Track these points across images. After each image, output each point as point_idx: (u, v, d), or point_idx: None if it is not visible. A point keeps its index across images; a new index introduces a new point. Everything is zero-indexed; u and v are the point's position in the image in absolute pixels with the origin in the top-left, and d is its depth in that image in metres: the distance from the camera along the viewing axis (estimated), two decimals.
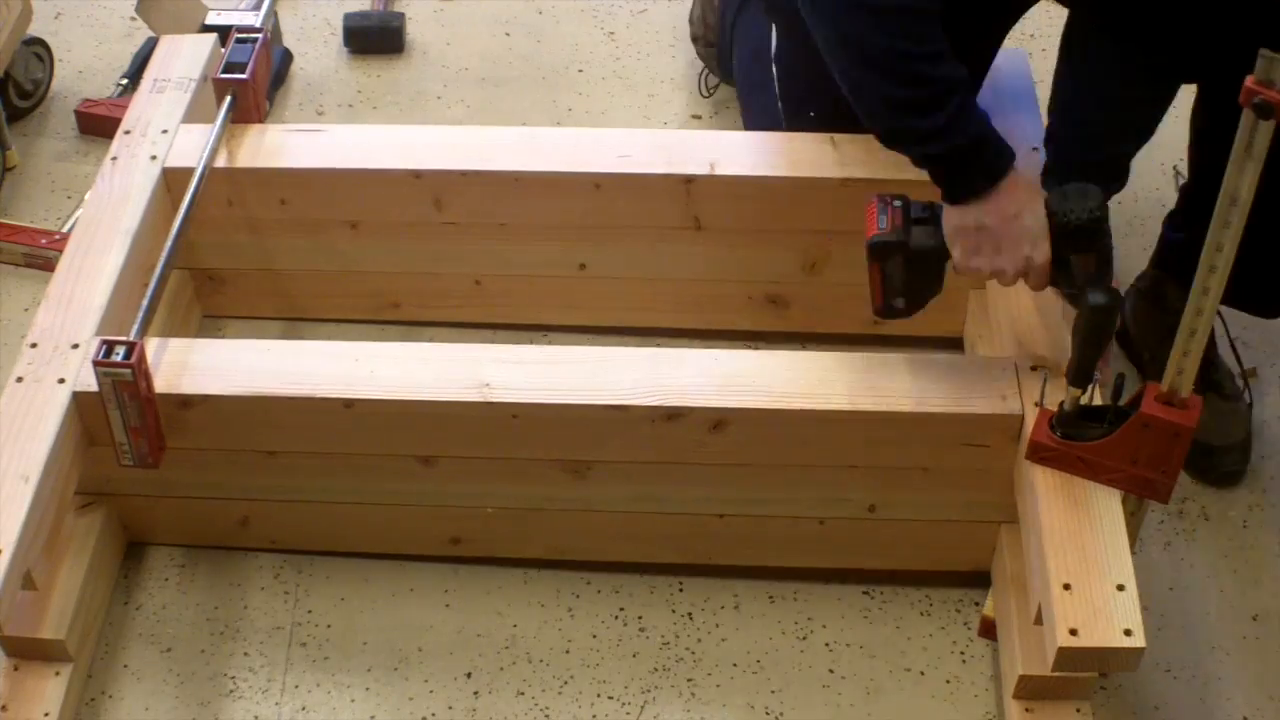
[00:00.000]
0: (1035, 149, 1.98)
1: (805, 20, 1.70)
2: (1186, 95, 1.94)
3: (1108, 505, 1.65)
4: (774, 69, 2.17)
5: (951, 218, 1.67)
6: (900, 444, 1.77)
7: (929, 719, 1.79)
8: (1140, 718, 1.80)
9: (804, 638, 1.87)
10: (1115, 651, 1.54)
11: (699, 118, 2.59)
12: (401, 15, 2.76)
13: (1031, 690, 1.72)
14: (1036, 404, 1.71)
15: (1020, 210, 1.64)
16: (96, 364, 1.68)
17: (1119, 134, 1.87)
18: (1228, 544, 1.98)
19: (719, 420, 1.74)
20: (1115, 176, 1.88)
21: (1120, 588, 1.57)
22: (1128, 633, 1.53)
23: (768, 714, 1.80)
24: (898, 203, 1.71)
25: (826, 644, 1.87)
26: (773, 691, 1.82)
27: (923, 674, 1.84)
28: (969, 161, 1.64)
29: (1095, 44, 1.83)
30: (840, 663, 1.85)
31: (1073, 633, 1.53)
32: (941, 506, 1.83)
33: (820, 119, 2.06)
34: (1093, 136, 1.86)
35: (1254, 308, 2.02)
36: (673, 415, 1.74)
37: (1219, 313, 1.63)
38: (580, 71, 2.70)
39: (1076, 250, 1.65)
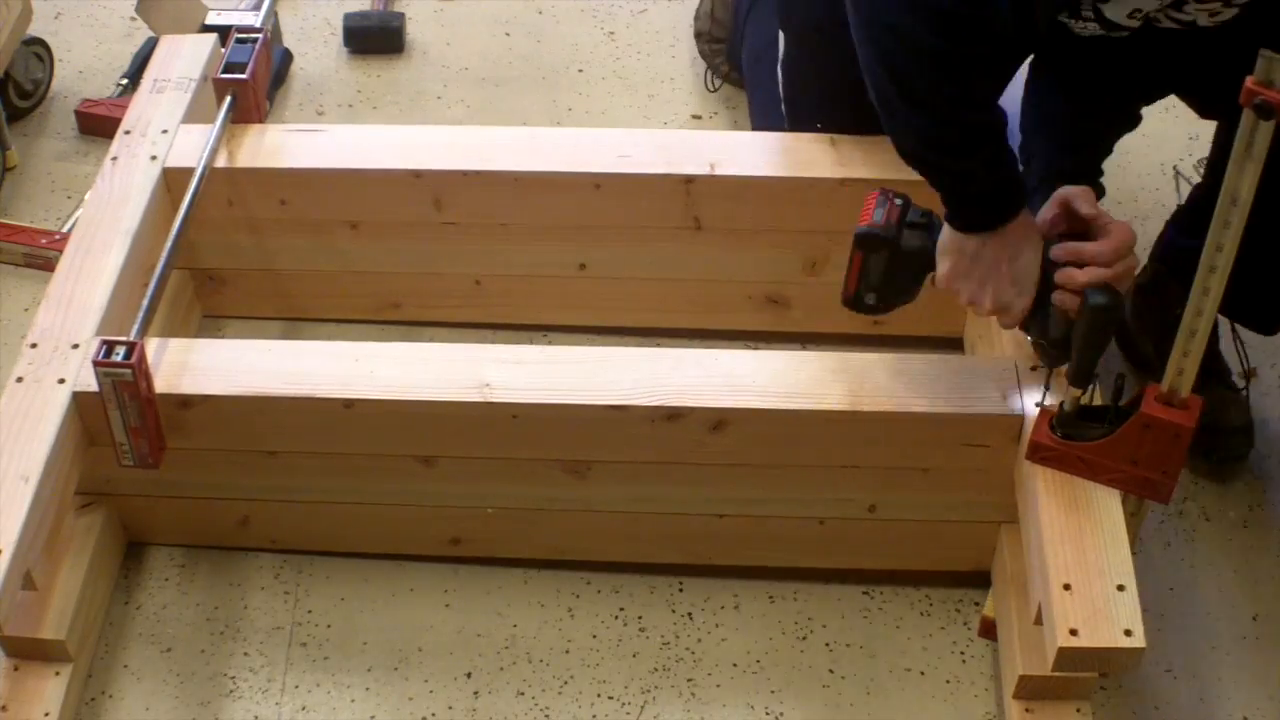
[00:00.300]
0: None
1: (850, 30, 1.60)
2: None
3: (1108, 505, 1.65)
4: (779, 75, 2.16)
5: (950, 238, 1.65)
6: (900, 444, 1.77)
7: (929, 719, 1.79)
8: (1140, 718, 1.80)
9: (804, 638, 1.87)
10: (1115, 651, 1.54)
11: (699, 118, 2.59)
12: (401, 15, 2.76)
13: (1031, 690, 1.72)
14: (1037, 404, 1.71)
15: (1018, 254, 1.63)
16: (96, 364, 1.67)
17: (1092, 142, 1.86)
18: (1228, 544, 1.98)
19: (719, 420, 1.74)
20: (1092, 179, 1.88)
21: (1120, 588, 1.57)
22: (1128, 633, 1.53)
23: (768, 714, 1.80)
24: (899, 200, 1.69)
25: (826, 644, 1.87)
26: (773, 691, 1.82)
27: (923, 674, 1.84)
28: (985, 201, 1.62)
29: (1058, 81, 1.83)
30: (840, 663, 1.85)
31: (1073, 633, 1.53)
32: (941, 506, 1.83)
33: (826, 131, 2.05)
34: (1063, 148, 1.85)
35: (1252, 323, 2.01)
36: (672, 415, 1.74)
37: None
38: (580, 71, 2.70)
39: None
